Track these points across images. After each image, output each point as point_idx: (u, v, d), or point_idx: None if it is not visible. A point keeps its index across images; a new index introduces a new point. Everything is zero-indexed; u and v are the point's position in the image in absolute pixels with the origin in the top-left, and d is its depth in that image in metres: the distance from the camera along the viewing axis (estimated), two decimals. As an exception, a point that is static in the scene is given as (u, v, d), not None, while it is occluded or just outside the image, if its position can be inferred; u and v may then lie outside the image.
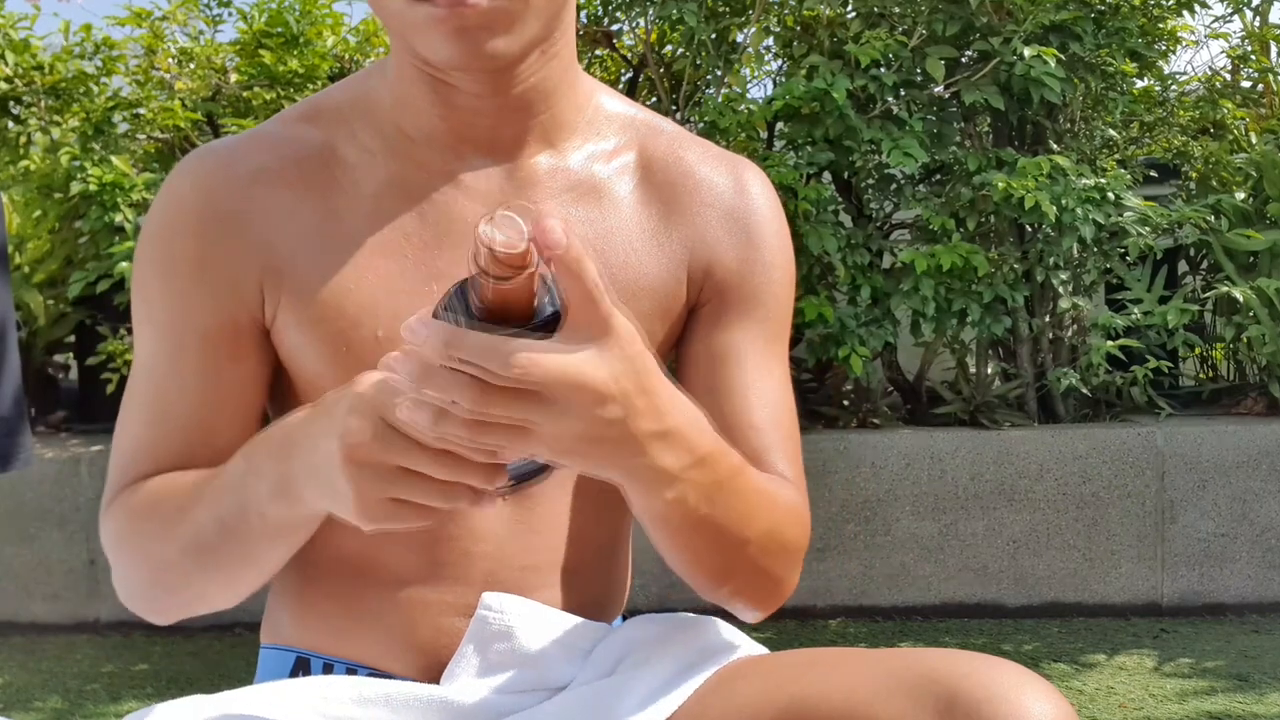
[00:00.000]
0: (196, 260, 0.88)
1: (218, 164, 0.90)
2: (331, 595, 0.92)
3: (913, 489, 2.93)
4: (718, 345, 0.92)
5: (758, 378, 0.92)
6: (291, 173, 0.89)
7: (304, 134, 0.91)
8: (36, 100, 3.28)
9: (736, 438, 0.88)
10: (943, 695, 0.76)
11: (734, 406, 0.91)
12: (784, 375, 0.95)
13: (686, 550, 0.82)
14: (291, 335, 0.89)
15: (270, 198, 0.88)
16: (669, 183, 0.94)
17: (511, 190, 0.89)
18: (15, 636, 2.96)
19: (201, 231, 0.88)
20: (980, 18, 3.03)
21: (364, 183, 0.89)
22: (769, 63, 3.36)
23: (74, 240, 3.23)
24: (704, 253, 0.93)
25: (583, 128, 0.92)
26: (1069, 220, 2.88)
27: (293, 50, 3.22)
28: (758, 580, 0.87)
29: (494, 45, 0.81)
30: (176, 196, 0.90)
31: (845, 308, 2.99)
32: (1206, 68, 3.91)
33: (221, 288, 0.88)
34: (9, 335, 1.40)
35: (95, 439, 3.17)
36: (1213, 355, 3.61)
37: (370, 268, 0.88)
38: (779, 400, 0.93)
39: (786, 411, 0.93)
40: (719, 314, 0.93)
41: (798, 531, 0.90)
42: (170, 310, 0.90)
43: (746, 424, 0.90)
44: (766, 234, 0.95)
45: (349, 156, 0.89)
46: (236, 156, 0.90)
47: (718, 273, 0.93)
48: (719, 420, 0.87)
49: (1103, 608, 2.93)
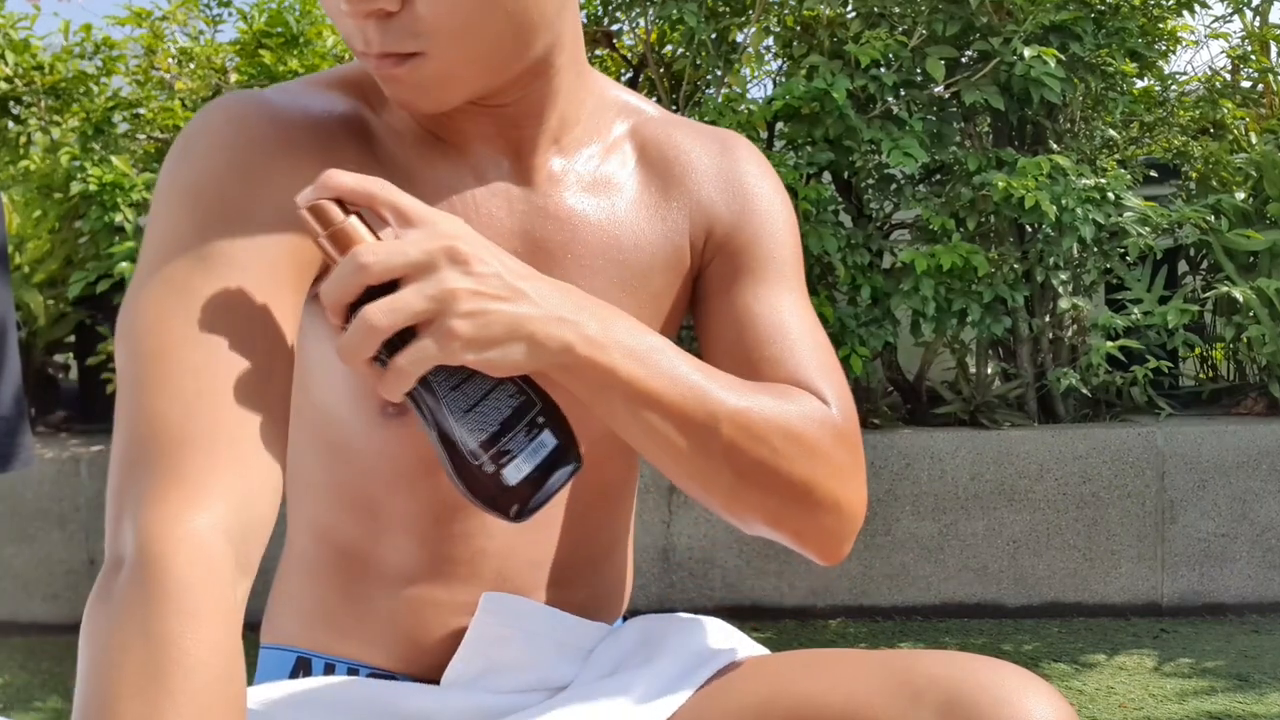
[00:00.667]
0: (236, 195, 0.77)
1: (262, 111, 0.81)
2: (334, 595, 0.92)
3: (913, 489, 2.93)
4: (732, 301, 0.92)
5: (775, 319, 0.90)
6: (339, 127, 0.84)
7: (335, 102, 0.86)
8: (36, 100, 3.28)
9: (757, 372, 0.86)
10: (943, 697, 0.76)
11: (754, 350, 0.89)
12: (803, 313, 0.92)
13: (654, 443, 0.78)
14: (307, 310, 0.86)
15: (325, 143, 0.82)
16: (663, 159, 0.95)
17: (526, 188, 0.89)
18: (15, 636, 2.96)
19: (244, 165, 0.78)
20: (980, 18, 3.03)
21: (390, 162, 0.86)
22: (769, 63, 3.36)
23: (74, 240, 3.23)
24: (701, 218, 0.94)
25: (585, 119, 0.93)
26: (1069, 220, 2.88)
27: (293, 50, 3.22)
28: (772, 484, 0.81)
29: (430, 100, 0.80)
30: (212, 131, 0.80)
31: (845, 308, 2.99)
32: (1206, 68, 3.92)
33: (273, 226, 0.76)
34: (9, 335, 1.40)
35: (95, 439, 3.17)
36: (1213, 355, 3.61)
37: None
38: (800, 332, 0.90)
39: (810, 339, 0.90)
40: (726, 270, 0.93)
41: (813, 429, 0.82)
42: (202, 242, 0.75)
43: (762, 357, 0.88)
44: (757, 187, 0.96)
45: (378, 131, 0.87)
46: (278, 107, 0.82)
47: (717, 230, 0.94)
48: (747, 368, 0.86)
49: (1103, 608, 2.93)
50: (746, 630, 1.01)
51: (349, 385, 0.87)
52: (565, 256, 0.89)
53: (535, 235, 0.88)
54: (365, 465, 0.89)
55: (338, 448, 0.89)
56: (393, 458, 0.88)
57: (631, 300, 0.90)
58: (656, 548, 2.84)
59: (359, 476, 0.89)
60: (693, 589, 2.88)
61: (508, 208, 0.88)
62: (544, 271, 0.87)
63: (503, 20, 0.78)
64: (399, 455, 0.87)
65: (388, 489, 0.89)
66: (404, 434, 0.86)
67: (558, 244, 0.89)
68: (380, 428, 0.87)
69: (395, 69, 0.77)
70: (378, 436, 0.87)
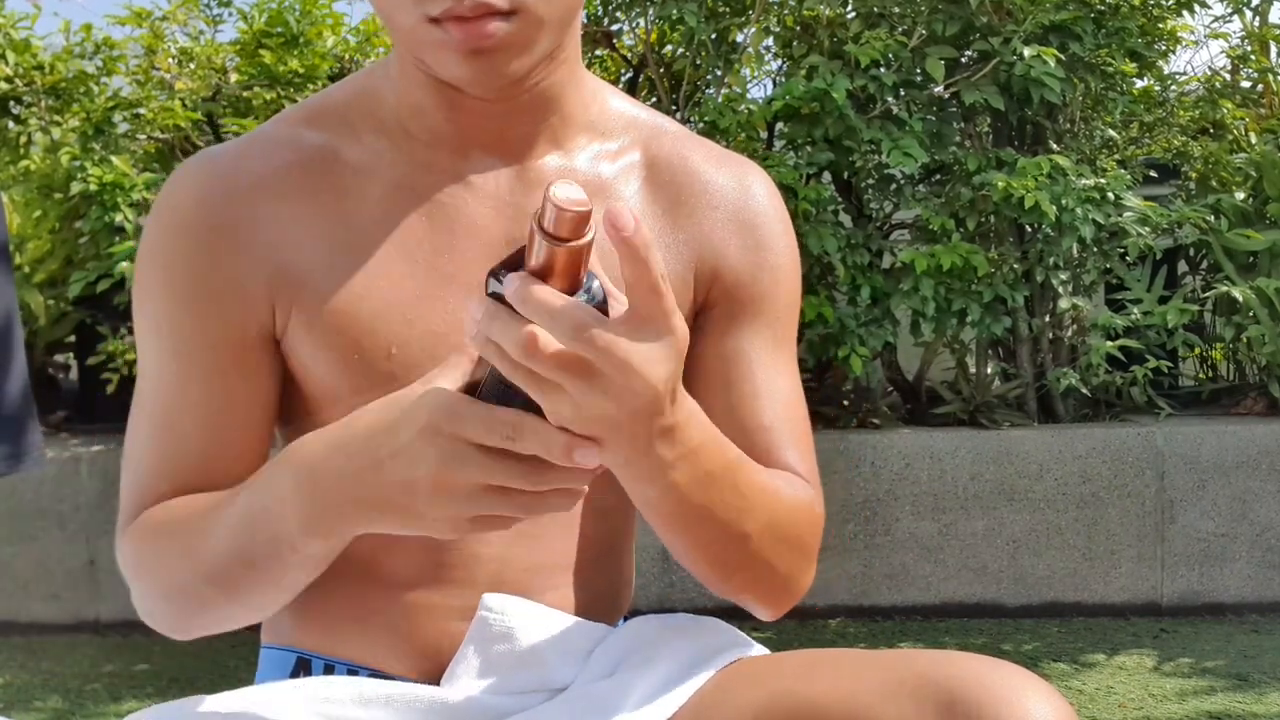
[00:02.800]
0: (201, 274, 0.86)
1: (216, 172, 0.87)
2: (334, 597, 0.92)
3: (912, 489, 2.94)
4: (728, 349, 0.92)
5: (768, 379, 0.92)
6: (295, 178, 0.87)
7: (306, 137, 0.89)
8: (37, 100, 3.28)
9: (749, 439, 0.88)
10: (944, 698, 0.76)
11: (746, 409, 0.91)
12: (793, 375, 0.95)
13: (683, 539, 0.81)
14: (303, 345, 0.87)
15: (274, 205, 0.87)
16: (673, 182, 0.94)
17: (520, 191, 0.89)
18: (15, 636, 2.96)
19: (204, 245, 0.86)
20: (980, 18, 3.03)
21: (370, 186, 0.88)
22: (769, 63, 3.36)
23: (74, 240, 3.22)
24: (710, 255, 0.93)
25: (589, 128, 0.93)
26: (1069, 220, 2.88)
27: (293, 50, 3.22)
28: (763, 575, 0.86)
29: (509, 66, 0.81)
30: (176, 209, 0.88)
31: (845, 308, 2.99)
32: (1206, 68, 3.91)
33: (229, 301, 0.86)
34: (14, 334, 1.39)
35: (95, 439, 3.17)
36: (1212, 355, 3.61)
37: (381, 273, 0.87)
38: (790, 400, 0.93)
39: (797, 409, 0.93)
40: (728, 317, 0.93)
41: (806, 528, 0.88)
42: (176, 327, 0.88)
43: (757, 425, 0.90)
44: (773, 236, 0.95)
45: (353, 159, 0.88)
46: (237, 164, 0.88)
47: (726, 276, 0.93)
48: (730, 423, 0.87)
49: (1102, 607, 2.93)
50: (746, 630, 1.01)
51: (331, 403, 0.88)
52: None
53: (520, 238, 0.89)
54: None
55: None
56: None
57: None
58: (656, 548, 2.84)
59: None
60: (693, 589, 2.88)
61: (498, 210, 0.89)
62: None
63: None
64: None
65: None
66: None
67: None
68: None
69: (484, 32, 0.78)
70: None
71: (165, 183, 0.90)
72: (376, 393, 0.77)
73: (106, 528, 2.96)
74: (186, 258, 0.86)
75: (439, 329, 0.87)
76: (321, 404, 0.89)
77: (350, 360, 0.86)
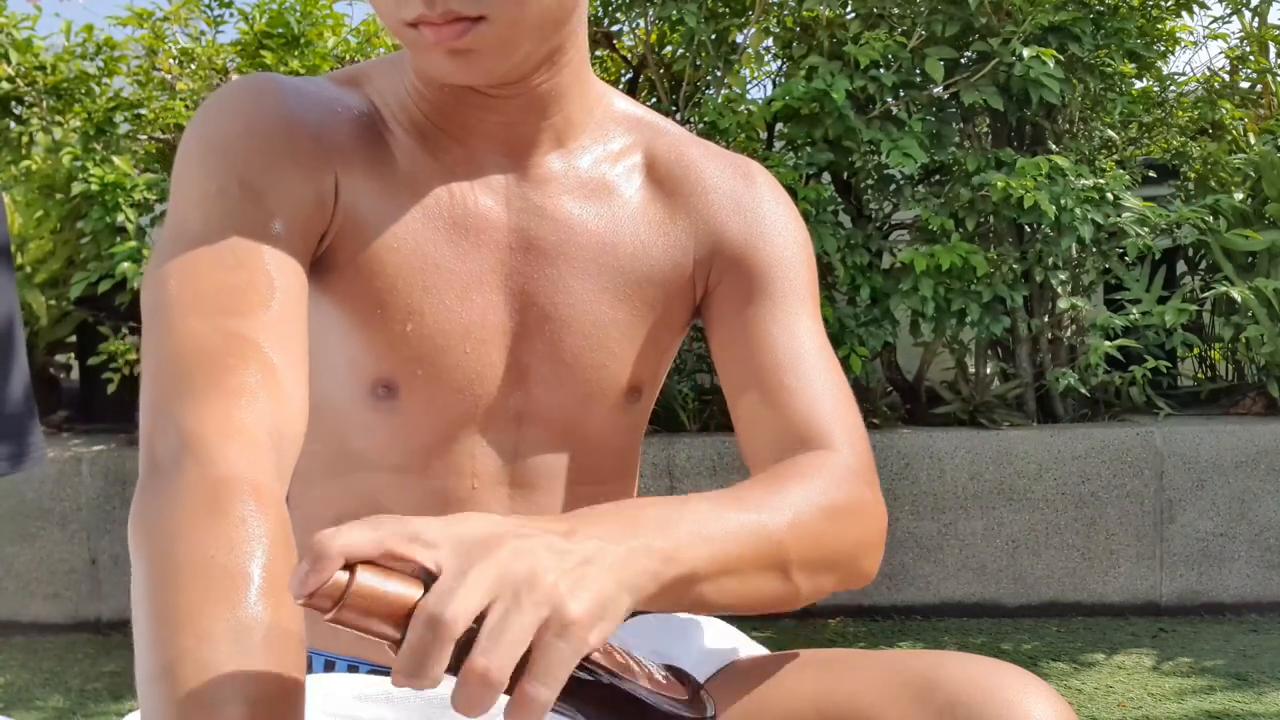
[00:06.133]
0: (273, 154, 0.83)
1: (290, 85, 0.87)
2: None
3: (912, 489, 2.94)
4: (747, 322, 0.93)
5: (789, 344, 0.91)
6: (346, 120, 0.89)
7: (351, 97, 0.91)
8: (38, 100, 3.28)
9: (775, 408, 0.88)
10: (943, 698, 0.76)
11: (776, 376, 0.90)
12: (816, 335, 0.93)
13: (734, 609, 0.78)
14: (334, 277, 0.87)
15: (333, 132, 0.87)
16: (672, 177, 0.95)
17: (525, 187, 0.90)
18: (16, 636, 2.96)
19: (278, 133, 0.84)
20: (979, 18, 3.04)
21: (401, 156, 0.89)
22: (769, 63, 3.37)
23: (75, 240, 3.23)
24: (707, 236, 0.95)
25: (592, 128, 0.94)
26: (1068, 220, 2.89)
27: (294, 51, 3.22)
28: (824, 590, 0.83)
29: (489, 66, 0.82)
30: (253, 94, 0.86)
31: (845, 308, 3.00)
32: (1205, 68, 3.92)
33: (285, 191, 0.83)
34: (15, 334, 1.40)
35: (96, 439, 3.17)
36: (1211, 355, 3.62)
37: (408, 233, 0.88)
38: (814, 362, 0.91)
39: (823, 370, 0.91)
40: (739, 292, 0.94)
41: (853, 530, 0.84)
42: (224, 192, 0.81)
43: (789, 386, 0.89)
44: (772, 214, 0.96)
45: (390, 126, 0.90)
46: (303, 86, 0.88)
47: (725, 250, 0.94)
48: (763, 394, 0.88)
49: (1101, 607, 2.93)
50: (746, 630, 1.01)
51: (340, 366, 0.89)
52: (558, 257, 0.90)
53: (530, 234, 0.90)
54: (361, 460, 0.90)
55: (335, 441, 0.91)
56: (385, 449, 0.89)
57: (625, 307, 0.91)
58: (656, 547, 2.83)
59: (356, 473, 0.90)
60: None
61: (505, 204, 0.90)
62: (536, 271, 0.89)
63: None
64: (391, 446, 0.89)
65: (384, 486, 0.90)
66: (395, 421, 0.88)
67: (551, 244, 0.90)
68: (372, 411, 0.88)
69: (456, 36, 0.79)
70: (371, 424, 0.89)
71: (226, 86, 0.87)
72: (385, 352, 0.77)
73: (108, 527, 2.97)
74: (240, 138, 0.83)
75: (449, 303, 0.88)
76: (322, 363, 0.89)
77: (373, 312, 0.87)
